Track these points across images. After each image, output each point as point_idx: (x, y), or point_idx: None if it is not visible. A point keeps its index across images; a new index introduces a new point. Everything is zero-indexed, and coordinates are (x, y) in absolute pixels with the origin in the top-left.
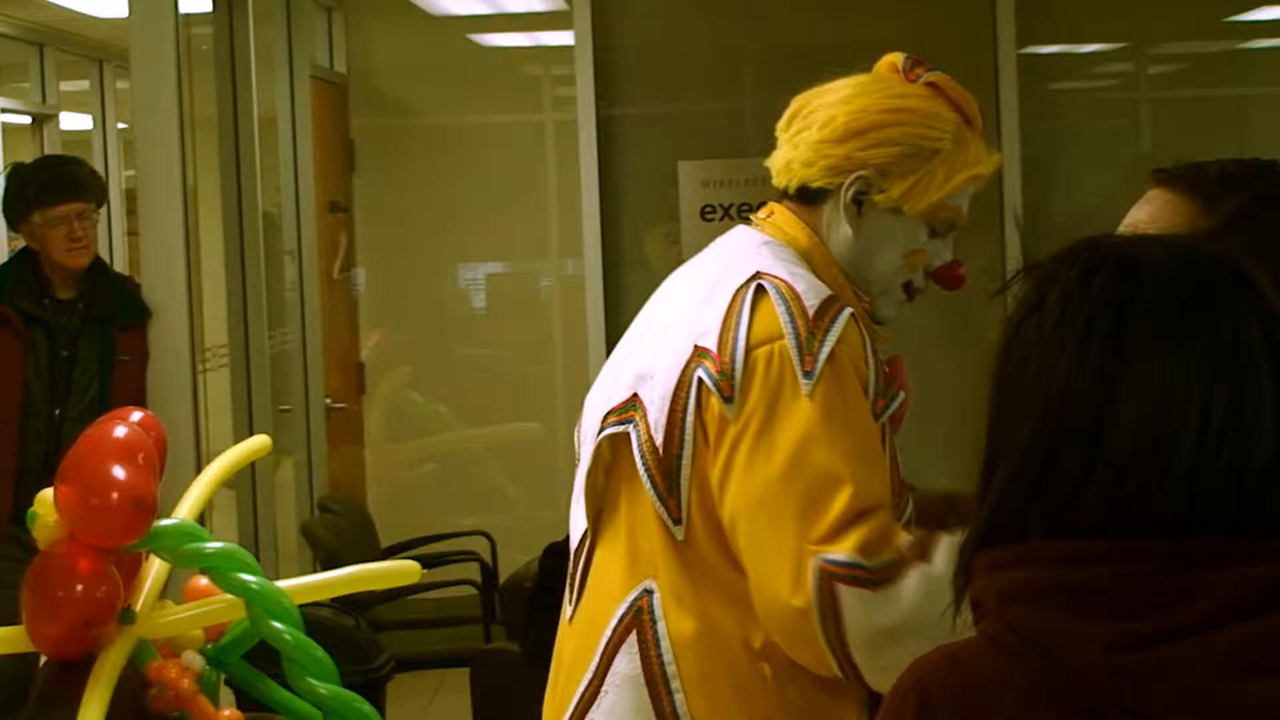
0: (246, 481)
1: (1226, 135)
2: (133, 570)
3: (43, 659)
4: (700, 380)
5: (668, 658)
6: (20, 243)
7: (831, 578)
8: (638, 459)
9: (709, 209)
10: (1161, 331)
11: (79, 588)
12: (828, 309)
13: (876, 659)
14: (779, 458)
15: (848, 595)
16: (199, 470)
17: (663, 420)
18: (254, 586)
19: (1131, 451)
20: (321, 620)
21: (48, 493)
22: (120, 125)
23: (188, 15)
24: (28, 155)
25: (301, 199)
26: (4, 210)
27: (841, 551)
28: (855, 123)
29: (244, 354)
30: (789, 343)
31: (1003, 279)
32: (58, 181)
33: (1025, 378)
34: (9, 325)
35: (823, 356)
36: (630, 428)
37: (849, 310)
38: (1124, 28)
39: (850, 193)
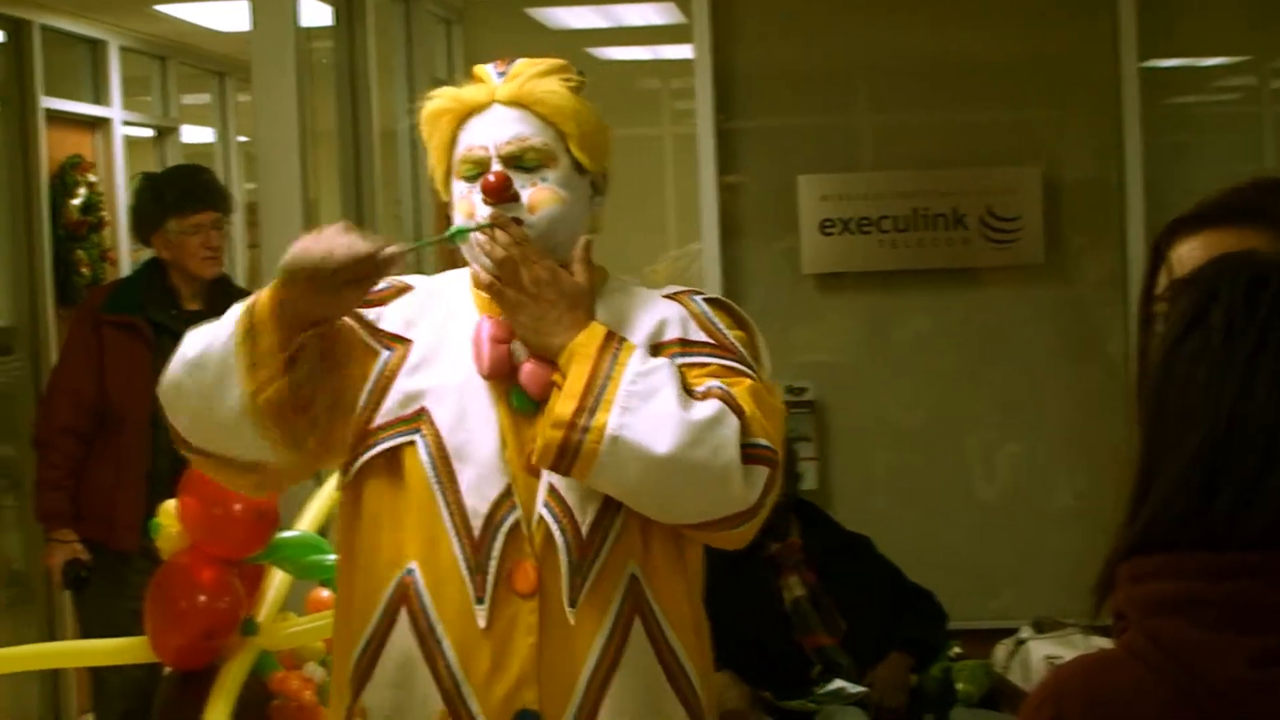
0: None
1: None
2: (255, 582)
3: (166, 670)
4: None
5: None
6: (143, 255)
7: None
8: None
9: (828, 223)
10: None
11: (202, 599)
12: None
13: None
14: None
15: None
16: (320, 482)
17: None
18: None
19: None
20: None
21: (171, 503)
22: (241, 138)
23: (309, 29)
24: (151, 167)
25: (421, 211)
26: (135, 219)
27: None
28: None
29: None
30: None
31: (1124, 294)
32: (194, 190)
33: (1190, 393)
34: (140, 336)
35: None
36: None
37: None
38: (1247, 41)
39: None
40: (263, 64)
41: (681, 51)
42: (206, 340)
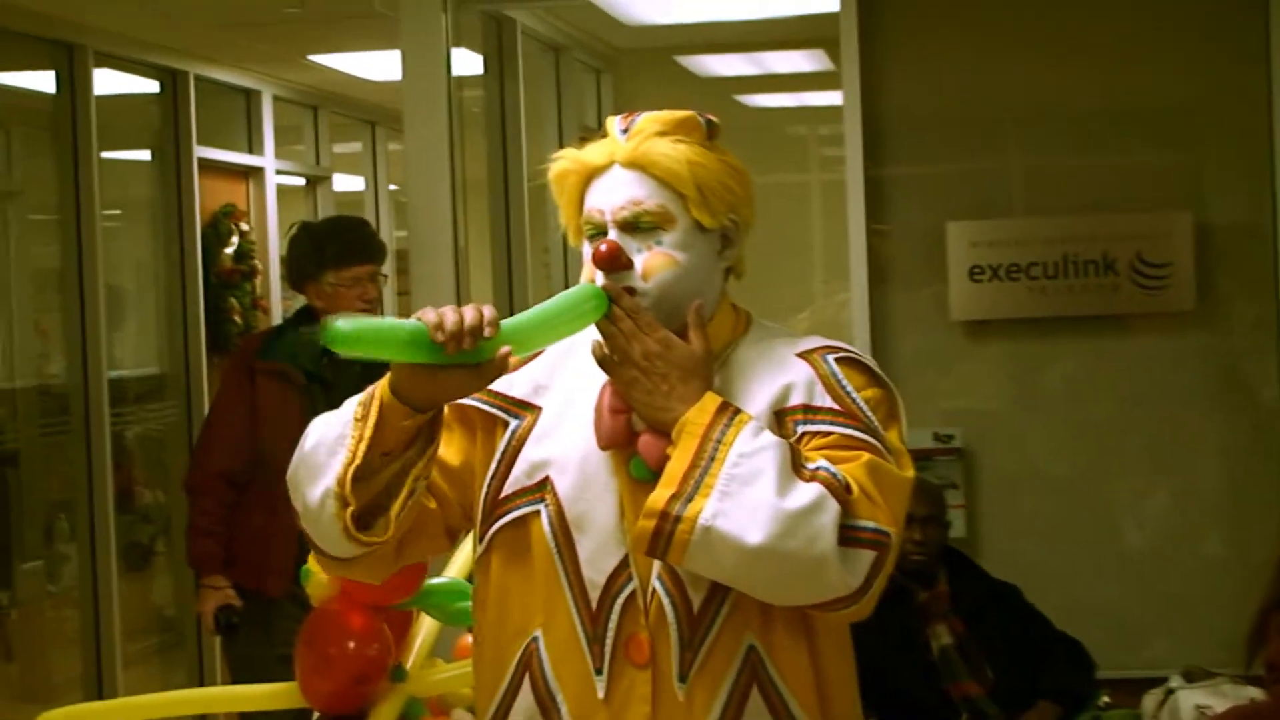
0: None
1: None
2: (403, 628)
3: (316, 715)
4: None
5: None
6: (294, 303)
7: None
8: None
9: (977, 269)
10: None
11: (351, 645)
12: None
13: None
14: None
15: None
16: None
17: None
18: None
19: None
20: None
21: None
22: (392, 186)
23: (460, 77)
24: (302, 216)
25: (569, 259)
26: (291, 268)
27: None
28: None
29: None
30: None
31: (1276, 341)
32: (354, 244)
33: None
34: (292, 383)
35: None
36: None
37: None
38: None
39: None
40: (414, 113)
41: (830, 98)
42: (322, 427)
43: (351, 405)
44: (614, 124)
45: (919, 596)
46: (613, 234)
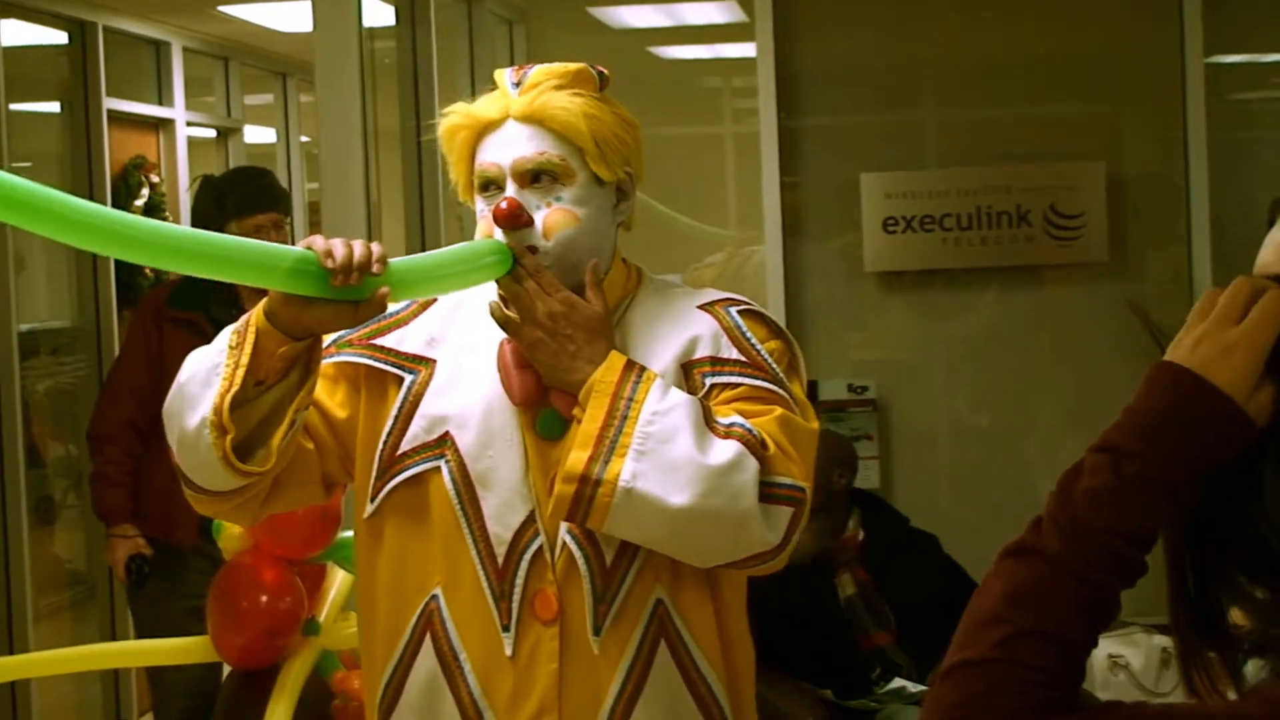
0: None
1: None
2: (316, 581)
3: (227, 669)
4: None
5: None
6: None
7: None
8: None
9: (891, 221)
10: None
11: (263, 598)
12: None
13: None
14: None
15: None
16: None
17: None
18: None
19: None
20: None
21: None
22: (304, 138)
23: (371, 29)
24: (213, 168)
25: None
26: (196, 221)
27: None
28: None
29: None
30: None
31: (1188, 292)
32: (254, 192)
33: None
34: (201, 333)
35: None
36: None
37: None
38: None
39: None
40: (325, 64)
41: (743, 50)
42: (197, 359)
43: (226, 334)
44: (504, 77)
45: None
46: (511, 190)
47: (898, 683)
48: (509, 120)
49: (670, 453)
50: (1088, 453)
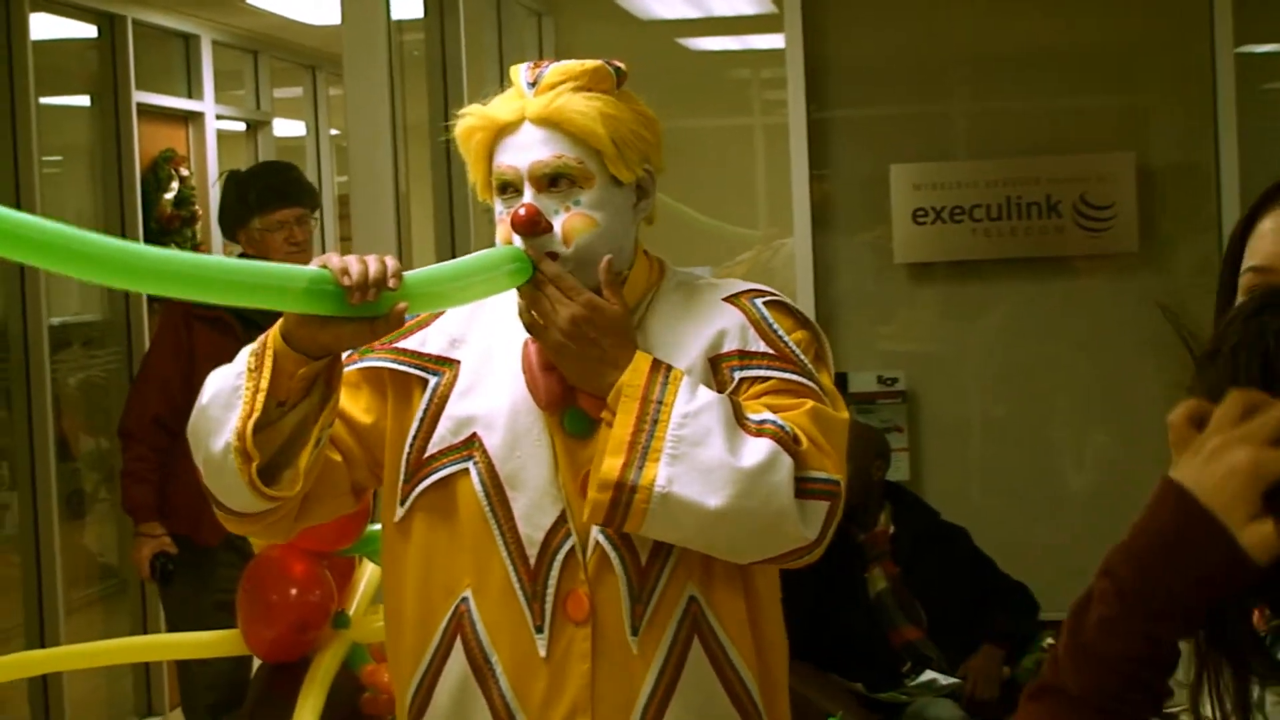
0: None
1: None
2: (346, 575)
3: (257, 662)
4: None
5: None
6: (234, 249)
7: None
8: None
9: (921, 212)
10: None
11: (293, 592)
12: None
13: None
14: None
15: None
16: None
17: None
18: None
19: None
20: None
21: None
22: (333, 131)
23: (400, 21)
24: (242, 162)
25: None
26: (222, 216)
27: None
28: None
29: None
30: None
31: (1220, 280)
32: (278, 187)
33: None
34: (229, 330)
35: None
36: None
37: None
38: None
39: None
40: (354, 57)
41: (772, 41)
42: (218, 380)
43: (244, 356)
44: (520, 75)
45: (856, 537)
46: (528, 195)
47: (928, 675)
48: (525, 123)
49: (703, 456)
50: (1095, 577)
